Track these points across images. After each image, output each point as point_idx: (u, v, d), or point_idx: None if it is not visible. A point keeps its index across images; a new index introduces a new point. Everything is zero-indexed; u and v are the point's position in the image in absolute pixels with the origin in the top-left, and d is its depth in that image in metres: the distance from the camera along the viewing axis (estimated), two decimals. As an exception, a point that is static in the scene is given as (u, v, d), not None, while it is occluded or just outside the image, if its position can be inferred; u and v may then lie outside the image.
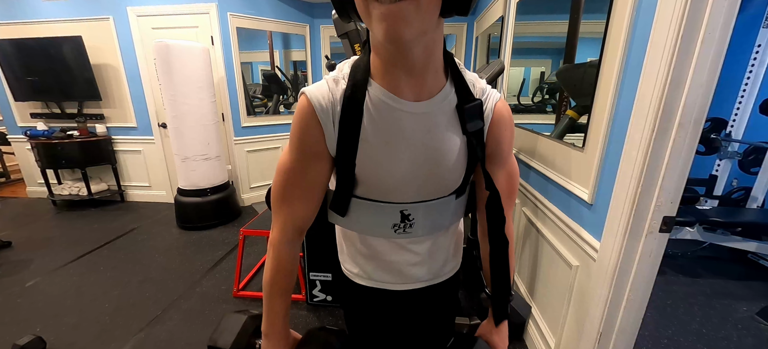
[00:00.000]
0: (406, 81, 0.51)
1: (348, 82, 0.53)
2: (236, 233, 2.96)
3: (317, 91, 0.53)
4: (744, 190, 2.63)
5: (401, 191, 0.58)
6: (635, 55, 0.93)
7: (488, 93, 0.58)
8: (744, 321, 1.85)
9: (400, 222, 0.61)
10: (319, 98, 0.52)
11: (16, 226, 3.15)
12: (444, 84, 0.55)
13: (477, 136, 0.56)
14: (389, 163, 0.55)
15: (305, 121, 0.53)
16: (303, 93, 0.53)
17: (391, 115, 0.52)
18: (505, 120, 0.59)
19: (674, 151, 0.84)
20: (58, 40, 3.19)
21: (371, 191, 0.58)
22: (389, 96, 0.52)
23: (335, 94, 0.53)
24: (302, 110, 0.53)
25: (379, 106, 0.52)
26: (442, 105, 0.54)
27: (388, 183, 0.56)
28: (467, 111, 0.54)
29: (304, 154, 0.55)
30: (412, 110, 0.52)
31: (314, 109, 0.52)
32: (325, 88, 0.53)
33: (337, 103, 0.52)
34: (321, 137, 0.54)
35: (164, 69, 2.70)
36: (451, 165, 0.57)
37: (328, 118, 0.52)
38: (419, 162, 0.55)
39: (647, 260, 0.96)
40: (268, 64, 3.61)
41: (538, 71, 2.02)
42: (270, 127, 3.69)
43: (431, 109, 0.53)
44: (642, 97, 0.88)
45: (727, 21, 0.74)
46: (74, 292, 2.13)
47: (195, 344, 1.71)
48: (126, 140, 3.63)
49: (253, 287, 2.19)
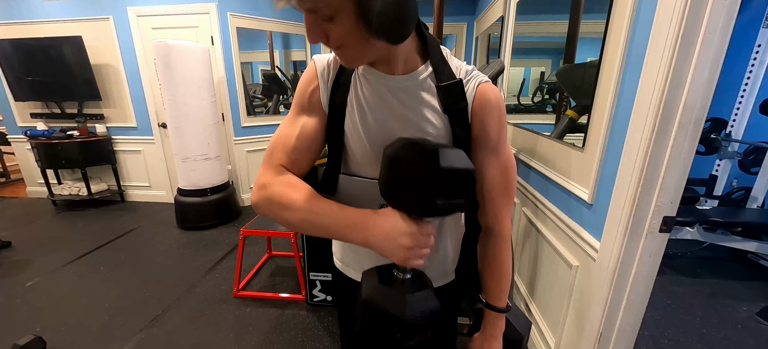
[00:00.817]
0: (380, 61, 0.57)
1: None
2: (236, 233, 2.96)
3: (322, 57, 0.61)
4: (744, 190, 2.63)
5: None
6: (635, 55, 0.93)
7: (473, 76, 0.58)
8: (744, 321, 1.85)
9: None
10: (322, 61, 0.61)
11: (16, 226, 3.15)
12: (419, 66, 0.58)
13: (458, 116, 0.58)
14: (373, 129, 0.58)
15: (308, 76, 0.61)
16: (313, 59, 0.62)
17: (373, 86, 0.58)
18: (490, 103, 0.58)
19: (674, 151, 0.84)
20: (58, 40, 3.19)
21: (358, 163, 0.62)
22: (370, 70, 0.58)
23: (335, 62, 0.61)
24: (308, 70, 0.62)
25: (363, 79, 0.59)
26: (419, 81, 0.57)
27: (371, 151, 0.59)
28: (444, 88, 0.57)
29: (301, 104, 0.61)
30: (390, 82, 0.57)
31: (316, 69, 0.60)
32: (330, 56, 0.61)
33: (335, 68, 0.60)
34: (317, 90, 0.60)
35: (164, 69, 2.70)
36: (434, 138, 0.58)
37: (325, 76, 0.60)
38: (399, 131, 0.57)
39: (647, 260, 0.96)
40: (268, 64, 3.61)
41: (538, 71, 2.02)
42: (270, 127, 3.69)
43: (409, 84, 0.57)
44: (642, 97, 0.88)
45: (727, 21, 0.74)
46: (74, 292, 2.13)
47: (195, 344, 1.71)
48: (126, 140, 3.63)
49: (253, 287, 2.19)
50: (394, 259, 0.50)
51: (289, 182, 0.57)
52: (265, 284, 2.22)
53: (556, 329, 1.39)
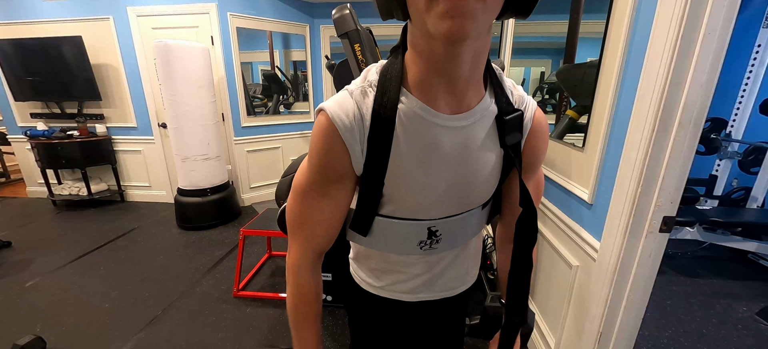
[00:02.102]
0: (445, 92, 0.46)
1: (377, 93, 0.47)
2: (236, 233, 2.96)
3: (339, 109, 0.46)
4: (744, 190, 2.63)
5: (431, 208, 0.54)
6: (635, 55, 0.93)
7: (527, 101, 0.54)
8: (744, 321, 1.85)
9: (427, 239, 0.58)
10: (343, 116, 0.46)
11: (16, 226, 3.15)
12: (483, 95, 0.50)
13: (515, 149, 0.52)
14: (422, 182, 0.50)
15: (327, 142, 0.47)
16: (321, 110, 0.47)
17: (427, 131, 0.47)
18: (544, 130, 0.56)
19: (674, 152, 0.84)
20: (58, 40, 3.19)
21: (399, 210, 0.54)
22: (425, 109, 0.46)
23: (362, 108, 0.47)
24: (323, 130, 0.47)
25: (413, 120, 0.47)
26: (481, 118, 0.50)
27: (420, 202, 0.53)
28: (508, 123, 0.50)
29: (326, 177, 0.50)
30: (450, 125, 0.47)
31: (337, 130, 0.46)
32: (349, 103, 0.47)
33: (366, 119, 0.47)
34: (346, 158, 0.48)
35: (164, 69, 2.70)
36: (486, 179, 0.54)
37: (353, 137, 0.46)
38: (455, 180, 0.52)
39: (647, 260, 0.96)
40: (268, 64, 3.61)
41: (538, 71, 2.02)
42: (270, 127, 3.69)
43: (470, 123, 0.49)
44: (642, 97, 0.88)
45: (727, 21, 0.74)
46: (74, 292, 2.13)
47: (195, 344, 1.71)
48: (126, 140, 3.63)
49: (253, 287, 2.19)
50: None
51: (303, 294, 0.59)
52: (265, 284, 2.22)
53: (556, 329, 1.39)
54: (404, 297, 0.67)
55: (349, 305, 0.78)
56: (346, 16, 1.67)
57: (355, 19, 1.69)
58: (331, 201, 0.52)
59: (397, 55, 0.49)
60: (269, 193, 3.80)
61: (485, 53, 0.44)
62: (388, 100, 0.46)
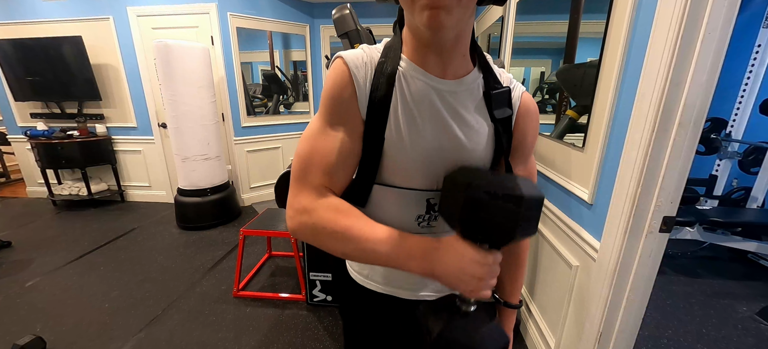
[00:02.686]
0: (434, 59, 0.52)
1: (382, 55, 0.54)
2: (236, 233, 2.96)
3: (353, 55, 0.52)
4: (744, 190, 2.63)
5: (427, 173, 0.55)
6: (635, 55, 0.93)
7: (514, 83, 0.59)
8: (744, 321, 1.85)
9: (425, 213, 0.58)
10: (355, 60, 0.52)
11: (16, 226, 3.15)
12: (471, 69, 0.55)
13: (504, 124, 0.56)
14: (416, 136, 0.53)
15: (340, 80, 0.51)
16: (338, 56, 0.52)
17: (421, 88, 0.53)
18: (532, 112, 0.59)
19: (674, 151, 0.84)
20: (58, 40, 3.19)
21: (395, 173, 0.55)
22: (420, 71, 0.53)
23: (369, 59, 0.53)
24: (336, 69, 0.52)
25: (409, 79, 0.53)
26: (469, 87, 0.54)
27: (414, 160, 0.54)
28: (495, 97, 0.55)
29: (338, 112, 0.52)
30: (440, 86, 0.53)
31: (349, 67, 0.51)
32: (359, 52, 0.54)
33: (371, 67, 0.52)
34: (354, 96, 0.52)
35: (164, 69, 2.70)
36: (479, 151, 0.56)
37: (361, 77, 0.52)
38: (446, 141, 0.54)
39: (647, 260, 0.96)
40: (268, 64, 3.61)
41: (538, 71, 2.02)
42: (270, 127, 3.69)
43: (459, 89, 0.54)
44: (642, 97, 0.88)
45: (727, 21, 0.74)
46: (74, 292, 2.13)
47: (195, 344, 1.71)
48: (126, 140, 3.63)
49: (253, 287, 2.19)
50: (463, 290, 0.48)
51: (336, 207, 0.52)
52: (265, 284, 2.22)
53: (556, 329, 1.39)
54: (402, 293, 0.65)
55: (344, 306, 0.76)
56: (346, 16, 1.67)
57: (355, 19, 1.69)
58: (343, 136, 0.53)
59: (396, 31, 0.57)
60: (269, 193, 3.80)
61: (467, 31, 0.51)
62: (390, 60, 0.53)
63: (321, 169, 0.52)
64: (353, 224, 0.50)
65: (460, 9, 0.44)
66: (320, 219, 0.51)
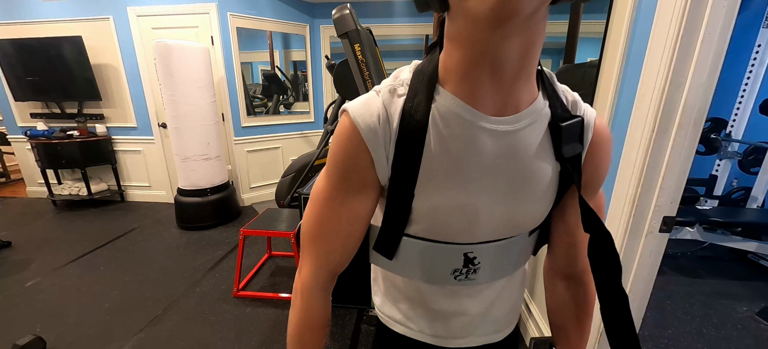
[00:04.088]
0: (489, 88, 0.38)
1: (409, 92, 0.41)
2: (236, 233, 2.96)
3: (364, 110, 0.41)
4: (744, 190, 2.63)
5: (468, 230, 0.45)
6: (635, 55, 0.93)
7: (584, 108, 0.45)
8: (744, 321, 1.85)
9: (463, 267, 0.48)
10: (367, 118, 0.40)
11: (16, 226, 3.15)
12: (536, 96, 0.42)
13: (574, 163, 0.43)
14: (460, 195, 0.42)
15: (348, 146, 0.42)
16: (344, 111, 0.42)
17: (467, 133, 0.40)
18: (606, 142, 0.47)
19: (674, 151, 0.84)
20: (58, 40, 3.19)
21: (431, 230, 0.46)
22: (464, 107, 0.39)
23: (390, 109, 0.41)
24: (345, 133, 0.42)
25: (450, 121, 0.40)
26: (533, 122, 0.41)
27: (456, 220, 0.44)
28: (565, 131, 0.42)
29: (346, 184, 0.44)
30: (495, 127, 0.40)
31: (360, 133, 0.40)
32: (376, 103, 0.41)
33: (393, 120, 0.41)
34: (369, 165, 0.42)
35: (164, 69, 2.70)
36: (538, 198, 0.45)
37: (378, 141, 0.41)
38: (500, 194, 0.43)
39: (647, 259, 0.96)
40: (268, 64, 3.62)
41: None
42: (270, 127, 3.69)
43: (519, 127, 0.40)
44: (642, 97, 0.88)
45: (727, 21, 0.74)
46: (74, 292, 2.13)
47: (195, 344, 1.71)
48: (126, 140, 3.63)
49: (253, 287, 2.19)
50: None
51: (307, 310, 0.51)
52: (265, 284, 2.22)
53: (556, 329, 1.39)
54: (432, 340, 0.56)
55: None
56: (346, 16, 1.67)
57: (355, 19, 1.69)
58: (352, 212, 0.45)
59: (433, 53, 0.42)
60: (269, 193, 3.81)
61: (539, 44, 0.36)
62: (421, 99, 0.40)
63: (327, 246, 0.48)
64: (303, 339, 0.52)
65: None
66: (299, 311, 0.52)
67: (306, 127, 3.94)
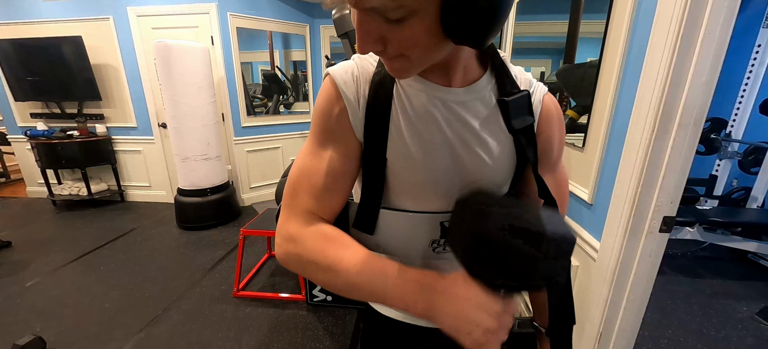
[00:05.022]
0: (436, 69, 0.46)
1: (377, 64, 0.48)
2: (236, 233, 2.96)
3: (340, 70, 0.47)
4: (744, 190, 2.63)
5: (439, 195, 0.49)
6: (635, 55, 0.93)
7: (535, 85, 0.52)
8: (744, 321, 1.85)
9: (440, 237, 0.52)
10: (342, 74, 0.47)
11: (16, 226, 3.15)
12: (481, 75, 0.48)
13: (526, 134, 0.49)
14: (423, 154, 0.47)
15: (328, 99, 0.47)
16: (327, 73, 0.48)
17: (424, 101, 0.46)
18: (555, 116, 0.52)
19: (674, 152, 0.84)
20: (58, 40, 3.19)
21: (404, 195, 0.50)
22: (420, 80, 0.46)
23: (362, 72, 0.47)
24: (325, 90, 0.48)
25: (410, 91, 0.46)
26: (480, 94, 0.47)
27: (424, 182, 0.48)
28: (511, 104, 0.47)
29: (327, 132, 0.48)
30: (444, 96, 0.46)
31: (336, 84, 0.46)
32: (350, 65, 0.48)
33: (365, 81, 0.47)
34: (345, 114, 0.47)
35: (164, 69, 2.70)
36: (496, 166, 0.49)
37: (352, 94, 0.46)
38: (458, 158, 0.48)
39: (647, 260, 0.96)
40: (268, 64, 3.61)
41: (538, 71, 2.01)
42: (270, 127, 3.69)
43: (466, 99, 0.47)
44: (642, 97, 0.88)
45: (727, 21, 0.74)
46: (74, 292, 2.13)
47: (195, 344, 1.71)
48: (126, 140, 3.63)
49: (253, 287, 2.19)
50: (465, 341, 0.39)
51: (325, 235, 0.46)
52: (265, 284, 2.22)
53: (556, 329, 1.39)
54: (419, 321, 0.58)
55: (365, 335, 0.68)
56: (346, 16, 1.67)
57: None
58: (334, 157, 0.47)
59: None
60: (269, 193, 3.80)
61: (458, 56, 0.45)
62: (386, 72, 0.46)
63: (309, 193, 0.47)
64: (343, 255, 0.44)
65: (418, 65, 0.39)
66: (306, 249, 0.46)
67: (306, 127, 3.94)
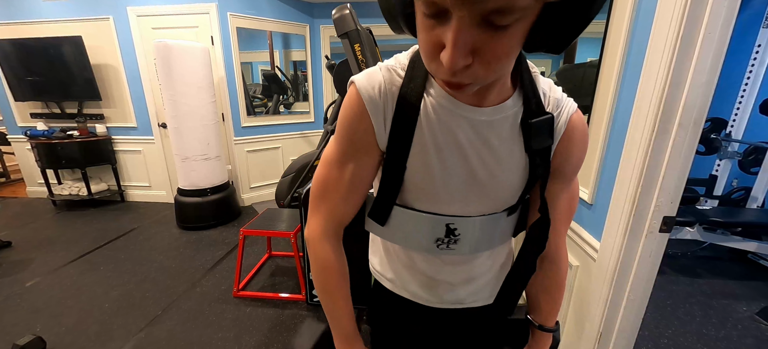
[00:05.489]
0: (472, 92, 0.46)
1: (405, 76, 0.48)
2: (236, 233, 2.96)
3: (367, 83, 0.48)
4: (744, 190, 2.63)
5: (450, 202, 0.53)
6: (635, 55, 0.93)
7: (563, 105, 0.51)
8: (744, 321, 1.85)
9: (445, 237, 0.56)
10: (370, 90, 0.47)
11: (16, 226, 3.15)
12: (511, 94, 0.49)
13: (542, 155, 0.50)
14: (441, 169, 0.50)
15: (354, 113, 0.49)
16: (352, 82, 0.49)
17: (449, 119, 0.48)
18: (578, 135, 0.52)
19: (674, 152, 0.84)
20: (58, 40, 3.19)
21: (417, 198, 0.54)
22: (448, 98, 0.47)
23: (389, 87, 0.48)
24: (351, 101, 0.49)
25: (436, 108, 0.48)
26: (506, 115, 0.48)
27: (438, 191, 0.52)
28: (534, 127, 0.48)
29: (352, 145, 0.51)
30: (472, 116, 0.47)
31: (362, 101, 0.48)
32: (377, 78, 0.48)
33: (392, 97, 0.48)
34: (369, 129, 0.49)
35: (164, 69, 2.70)
36: (508, 182, 0.52)
37: (378, 111, 0.48)
38: (473, 174, 0.50)
39: (647, 260, 0.96)
40: (268, 64, 3.61)
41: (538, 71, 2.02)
42: (270, 127, 3.69)
43: (493, 119, 0.48)
44: (642, 97, 0.88)
45: (727, 21, 0.74)
46: (74, 292, 2.13)
47: (195, 344, 1.71)
48: (126, 140, 3.63)
49: (253, 287, 2.19)
50: None
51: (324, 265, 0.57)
52: (265, 284, 2.22)
53: (556, 329, 1.39)
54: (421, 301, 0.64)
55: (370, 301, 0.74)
56: (346, 16, 1.67)
57: (355, 19, 1.69)
58: (356, 169, 0.53)
59: None
60: (269, 193, 3.80)
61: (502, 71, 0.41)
62: (415, 84, 0.47)
63: (333, 201, 0.55)
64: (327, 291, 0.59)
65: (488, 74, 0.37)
66: (313, 260, 0.58)
67: (306, 127, 3.94)
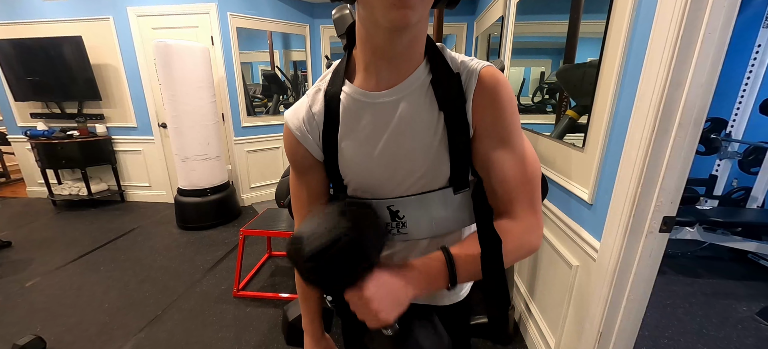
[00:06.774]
0: (386, 69, 0.51)
1: (328, 82, 0.56)
2: (236, 233, 2.96)
3: (293, 116, 0.57)
4: (744, 190, 2.63)
5: (383, 184, 0.56)
6: (635, 55, 0.93)
7: (471, 65, 0.52)
8: (744, 321, 1.85)
9: (392, 221, 0.58)
10: (296, 122, 0.57)
11: (16, 226, 3.15)
12: (417, 66, 0.52)
13: (458, 114, 0.51)
14: (364, 157, 0.55)
15: (290, 144, 0.59)
16: (284, 119, 0.58)
17: (362, 111, 0.54)
18: (493, 88, 0.50)
19: (674, 152, 0.84)
20: (58, 40, 3.19)
21: (359, 188, 0.59)
22: (361, 93, 0.53)
23: (314, 108, 0.56)
24: (285, 135, 0.59)
25: (351, 106, 0.54)
26: (413, 84, 0.52)
27: (371, 176, 0.56)
28: (439, 83, 0.51)
29: (298, 168, 0.61)
30: (381, 100, 0.53)
31: (293, 134, 0.57)
32: (302, 108, 0.57)
33: (317, 113, 0.56)
34: (306, 154, 0.58)
35: (164, 69, 2.70)
36: (426, 145, 0.52)
37: (306, 137, 0.57)
38: (392, 148, 0.53)
39: (647, 260, 0.96)
40: (268, 64, 3.61)
41: (538, 71, 2.01)
42: (270, 127, 3.69)
43: (401, 93, 0.52)
44: (642, 97, 0.88)
45: (727, 21, 0.74)
46: (74, 292, 2.13)
47: (195, 344, 1.71)
48: (126, 140, 3.63)
49: (253, 287, 2.19)
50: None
51: None
52: (265, 284, 2.22)
53: (556, 329, 1.39)
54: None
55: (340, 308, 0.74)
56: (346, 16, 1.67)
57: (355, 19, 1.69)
58: (309, 184, 0.62)
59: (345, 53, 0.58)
60: (269, 193, 3.80)
61: (422, 36, 0.51)
62: (335, 87, 0.55)
63: (302, 213, 0.64)
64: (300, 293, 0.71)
65: (423, 5, 0.43)
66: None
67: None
